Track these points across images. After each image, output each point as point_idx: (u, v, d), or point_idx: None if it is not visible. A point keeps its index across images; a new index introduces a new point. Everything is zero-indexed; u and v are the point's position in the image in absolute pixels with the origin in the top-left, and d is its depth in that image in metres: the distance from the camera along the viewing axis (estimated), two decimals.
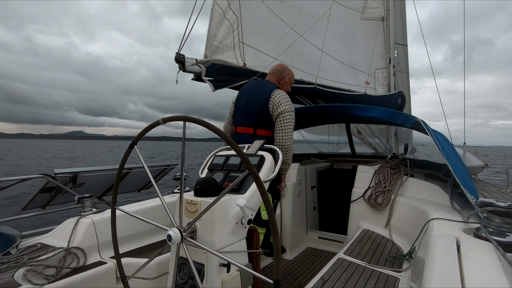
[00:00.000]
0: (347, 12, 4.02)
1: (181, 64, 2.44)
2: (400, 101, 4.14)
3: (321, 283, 1.45)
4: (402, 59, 6.38)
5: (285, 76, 2.21)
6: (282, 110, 1.96)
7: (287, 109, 1.98)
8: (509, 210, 1.29)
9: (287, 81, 2.24)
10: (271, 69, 2.28)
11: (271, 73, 2.25)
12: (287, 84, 2.25)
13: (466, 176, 2.08)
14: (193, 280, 1.23)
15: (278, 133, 1.98)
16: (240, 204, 1.16)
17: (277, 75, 2.21)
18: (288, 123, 1.98)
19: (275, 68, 2.26)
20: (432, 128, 2.31)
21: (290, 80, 2.27)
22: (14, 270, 1.43)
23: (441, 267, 1.02)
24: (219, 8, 2.69)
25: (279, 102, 1.97)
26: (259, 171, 1.46)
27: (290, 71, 2.28)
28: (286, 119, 1.97)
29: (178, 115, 1.04)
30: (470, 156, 4.79)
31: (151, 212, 2.12)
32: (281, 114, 1.96)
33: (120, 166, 1.27)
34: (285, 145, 1.98)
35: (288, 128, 1.98)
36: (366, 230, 2.38)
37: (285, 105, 1.98)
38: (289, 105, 2.01)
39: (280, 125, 1.97)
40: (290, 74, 2.26)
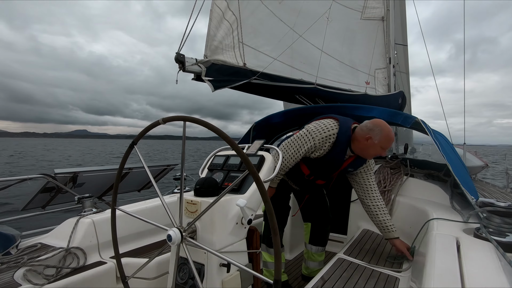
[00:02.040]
0: (347, 12, 4.01)
1: (181, 64, 2.44)
2: (400, 101, 4.14)
3: (321, 283, 1.45)
4: (402, 59, 6.38)
5: (374, 137, 1.66)
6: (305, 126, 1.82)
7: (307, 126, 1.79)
8: (509, 210, 1.29)
9: (376, 144, 1.66)
10: (364, 122, 1.78)
11: (358, 129, 1.76)
12: (376, 148, 1.68)
13: (466, 176, 2.08)
14: (193, 280, 1.23)
15: None
16: (240, 204, 1.16)
17: (364, 132, 1.71)
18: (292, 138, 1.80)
19: (364, 124, 1.75)
20: (435, 127, 2.31)
21: (381, 144, 1.67)
22: (14, 270, 1.43)
23: (441, 267, 1.02)
24: (218, 9, 2.69)
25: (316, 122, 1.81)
26: (259, 171, 1.46)
27: (384, 131, 1.66)
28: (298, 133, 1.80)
29: (178, 115, 1.04)
30: (470, 156, 4.79)
31: (151, 212, 2.12)
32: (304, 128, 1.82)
33: (120, 166, 1.27)
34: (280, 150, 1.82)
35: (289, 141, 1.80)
36: (366, 230, 2.38)
37: (311, 124, 1.80)
38: (314, 127, 1.74)
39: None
40: (382, 137, 1.65)
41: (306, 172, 1.91)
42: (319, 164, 1.83)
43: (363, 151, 1.74)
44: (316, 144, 1.72)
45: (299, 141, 1.75)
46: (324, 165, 1.84)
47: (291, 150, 1.76)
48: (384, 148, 1.71)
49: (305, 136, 1.73)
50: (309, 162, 1.85)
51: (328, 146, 1.73)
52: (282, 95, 3.79)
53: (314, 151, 1.76)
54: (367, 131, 1.70)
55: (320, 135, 1.71)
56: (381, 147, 1.69)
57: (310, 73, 3.46)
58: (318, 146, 1.72)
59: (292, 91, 3.36)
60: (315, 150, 1.76)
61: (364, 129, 1.72)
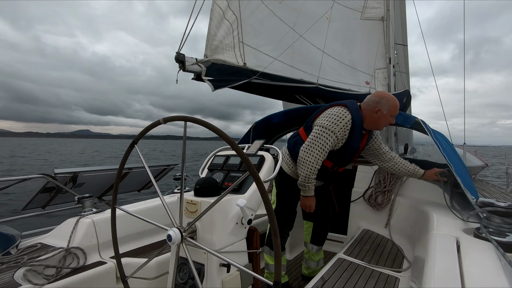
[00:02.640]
0: (347, 12, 4.01)
1: (181, 63, 2.43)
2: (405, 100, 4.12)
3: (321, 283, 1.45)
4: (402, 59, 6.38)
5: (382, 108, 1.75)
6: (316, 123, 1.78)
7: (319, 123, 1.75)
8: (509, 210, 1.29)
9: (385, 114, 1.76)
10: (366, 98, 1.86)
11: (364, 106, 1.81)
12: (387, 117, 1.78)
13: (466, 176, 2.08)
14: (193, 280, 1.23)
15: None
16: (240, 204, 1.16)
17: (371, 107, 1.77)
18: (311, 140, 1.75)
19: (369, 99, 1.82)
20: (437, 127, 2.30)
21: (391, 113, 1.78)
22: (14, 270, 1.43)
23: (441, 267, 1.02)
24: (219, 8, 2.68)
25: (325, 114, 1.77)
26: (259, 171, 1.45)
27: (390, 100, 1.76)
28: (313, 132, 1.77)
29: (179, 115, 1.04)
30: (470, 156, 4.80)
31: (151, 212, 2.12)
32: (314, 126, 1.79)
33: (120, 166, 1.27)
34: (299, 156, 1.77)
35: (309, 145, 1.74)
36: (366, 230, 2.38)
37: (322, 119, 1.76)
38: (328, 120, 1.71)
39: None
40: (390, 106, 1.76)
41: (329, 165, 1.88)
42: (341, 153, 1.83)
43: (375, 124, 1.81)
44: (338, 136, 1.71)
45: (320, 140, 1.71)
46: (346, 152, 1.83)
47: (316, 151, 1.71)
48: (393, 116, 1.82)
49: (324, 133, 1.70)
50: (330, 154, 1.81)
51: (347, 133, 1.74)
52: (282, 95, 3.79)
53: (337, 143, 1.75)
54: (375, 105, 1.77)
55: (338, 126, 1.69)
56: (391, 115, 1.79)
57: (310, 73, 3.46)
58: (340, 137, 1.72)
59: (292, 91, 3.36)
60: (337, 142, 1.75)
61: (371, 103, 1.78)
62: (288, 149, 1.98)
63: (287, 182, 1.97)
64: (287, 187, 2.00)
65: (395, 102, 1.79)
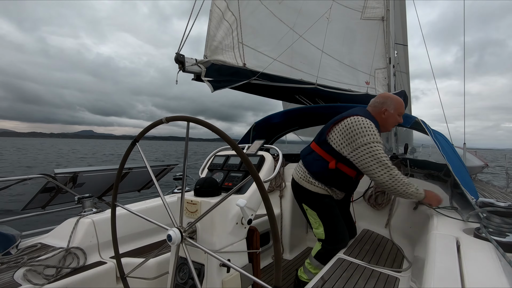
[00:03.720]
0: (347, 12, 4.02)
1: (181, 64, 2.44)
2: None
3: (321, 283, 1.45)
4: (402, 59, 6.38)
5: (389, 108, 1.79)
6: (361, 143, 1.68)
7: (362, 142, 1.66)
8: (509, 210, 1.29)
9: (392, 113, 1.80)
10: (371, 101, 1.89)
11: (369, 106, 1.86)
12: (394, 116, 1.81)
13: (466, 176, 2.08)
14: (193, 280, 1.23)
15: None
16: (240, 204, 1.16)
17: (378, 108, 1.81)
18: (370, 157, 1.67)
19: (374, 101, 1.85)
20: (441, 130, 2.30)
21: (398, 111, 1.81)
22: (14, 270, 1.43)
23: (441, 267, 1.02)
24: (218, 9, 2.69)
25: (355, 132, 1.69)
26: (259, 171, 1.46)
27: (395, 99, 1.81)
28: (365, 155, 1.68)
29: (182, 115, 1.03)
30: (470, 156, 4.80)
31: (151, 212, 2.12)
32: (359, 147, 1.69)
33: (121, 164, 1.27)
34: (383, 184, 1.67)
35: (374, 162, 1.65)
36: (366, 230, 2.38)
37: (359, 138, 1.67)
38: (366, 135, 1.65)
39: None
40: (396, 105, 1.80)
41: (353, 174, 1.82)
42: None
43: (384, 125, 1.82)
44: (381, 142, 1.68)
45: (378, 154, 1.63)
46: None
47: (385, 163, 1.63)
48: (401, 114, 1.84)
49: (375, 147, 1.64)
50: (352, 163, 1.76)
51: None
52: (282, 95, 3.79)
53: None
54: (381, 105, 1.80)
55: (375, 133, 1.66)
56: (398, 114, 1.82)
57: (310, 73, 3.46)
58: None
59: (292, 91, 3.37)
60: None
61: (378, 105, 1.82)
62: (308, 169, 1.88)
63: (321, 199, 1.87)
64: (325, 204, 1.88)
65: (400, 101, 1.81)
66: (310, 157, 1.89)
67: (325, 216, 1.89)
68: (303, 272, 2.05)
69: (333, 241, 1.91)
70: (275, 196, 2.94)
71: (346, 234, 1.95)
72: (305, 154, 1.97)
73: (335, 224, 1.89)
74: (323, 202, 1.87)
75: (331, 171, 1.79)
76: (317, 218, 1.90)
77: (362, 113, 1.76)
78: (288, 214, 2.84)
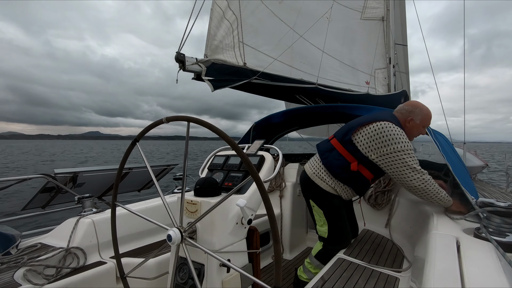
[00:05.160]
0: (347, 12, 4.02)
1: (181, 63, 2.44)
2: (402, 100, 4.14)
3: (321, 283, 1.45)
4: (402, 59, 6.37)
5: (415, 118, 1.74)
6: (396, 150, 1.63)
7: (394, 149, 1.63)
8: (509, 210, 1.29)
9: (418, 124, 1.75)
10: (398, 106, 1.84)
11: (396, 112, 1.82)
12: (419, 128, 1.77)
13: (466, 176, 2.08)
14: (193, 280, 1.23)
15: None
16: (240, 204, 1.16)
17: (404, 116, 1.76)
18: (405, 164, 1.63)
19: (401, 108, 1.80)
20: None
21: (423, 123, 1.76)
22: (14, 270, 1.43)
23: (441, 267, 1.02)
24: (219, 8, 2.69)
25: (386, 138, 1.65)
26: (259, 171, 1.46)
27: (423, 110, 1.75)
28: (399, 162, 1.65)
29: (182, 115, 1.03)
30: (470, 156, 4.79)
31: (151, 211, 2.12)
32: (392, 153, 1.65)
33: (121, 163, 1.26)
34: (419, 189, 1.63)
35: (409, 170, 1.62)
36: (366, 230, 2.38)
37: (391, 145, 1.63)
38: (399, 142, 1.62)
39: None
40: (423, 116, 1.74)
41: (370, 177, 1.80)
42: None
43: (407, 135, 1.73)
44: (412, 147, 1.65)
45: (411, 161, 1.61)
46: None
47: (419, 169, 1.61)
48: (426, 126, 1.79)
49: (407, 154, 1.61)
50: (375, 168, 1.74)
51: None
52: (282, 95, 3.79)
53: None
54: (408, 114, 1.75)
55: (406, 140, 1.62)
56: (423, 126, 1.77)
57: (310, 73, 3.46)
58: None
59: (292, 91, 3.36)
60: None
61: (405, 113, 1.76)
62: (327, 166, 1.82)
63: (330, 199, 1.84)
64: (332, 205, 1.86)
65: (429, 113, 1.75)
66: (330, 155, 1.82)
67: (331, 216, 1.87)
68: (303, 271, 2.05)
69: (335, 242, 1.91)
70: (275, 196, 2.94)
71: (349, 236, 1.95)
72: (324, 150, 1.88)
73: (340, 226, 1.89)
74: (332, 202, 1.86)
75: (352, 172, 1.75)
76: (323, 217, 1.89)
77: (391, 118, 1.71)
78: (288, 214, 2.84)
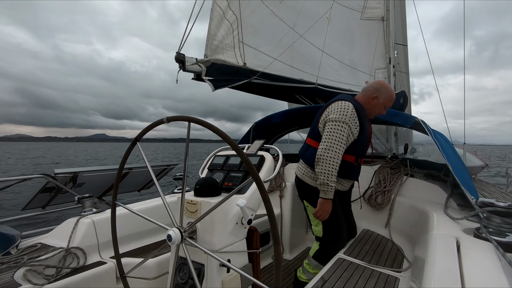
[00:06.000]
0: (347, 12, 4.02)
1: (181, 63, 2.44)
2: (401, 101, 4.14)
3: (321, 283, 1.45)
4: (402, 59, 6.37)
5: (380, 96, 1.79)
6: (328, 118, 1.71)
7: (329, 118, 1.70)
8: (509, 210, 1.29)
9: (381, 103, 1.81)
10: (366, 85, 1.89)
11: (362, 91, 1.88)
12: (381, 107, 1.82)
13: (466, 176, 2.08)
14: (193, 280, 1.23)
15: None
16: (240, 204, 1.16)
17: (370, 92, 1.81)
18: (327, 132, 1.69)
19: (369, 85, 1.86)
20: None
21: (385, 103, 1.82)
22: (14, 270, 1.43)
23: (441, 267, 1.02)
24: (219, 8, 2.69)
25: (330, 111, 1.72)
26: (259, 171, 1.46)
27: (389, 91, 1.81)
28: (326, 129, 1.71)
29: (183, 115, 1.03)
30: (470, 156, 4.80)
31: (151, 211, 2.12)
32: (327, 122, 1.72)
33: (122, 163, 1.26)
34: (318, 155, 1.67)
35: (326, 137, 1.68)
36: (366, 230, 2.38)
37: (329, 115, 1.71)
38: (336, 114, 1.68)
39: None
40: (387, 96, 1.81)
41: (352, 159, 1.82)
42: (359, 142, 1.78)
43: (368, 112, 1.82)
44: (350, 125, 1.67)
45: (336, 133, 1.65)
46: (363, 140, 1.80)
47: (335, 146, 1.64)
48: (387, 107, 1.85)
49: (338, 126, 1.66)
50: (351, 148, 1.77)
51: (357, 121, 1.71)
52: (282, 95, 3.79)
53: (351, 134, 1.71)
54: (374, 91, 1.80)
55: (346, 116, 1.67)
56: (385, 106, 1.83)
57: (310, 73, 3.46)
58: (352, 126, 1.69)
59: (292, 90, 3.37)
60: (351, 133, 1.70)
61: (370, 89, 1.81)
62: (306, 162, 1.89)
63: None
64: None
65: (393, 95, 1.82)
66: (308, 152, 1.89)
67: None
68: (302, 272, 2.05)
69: (330, 240, 1.90)
70: (275, 196, 2.94)
71: (344, 234, 1.94)
72: (303, 151, 1.97)
73: (334, 224, 1.89)
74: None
75: None
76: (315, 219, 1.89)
77: (344, 97, 1.78)
78: (288, 214, 2.84)
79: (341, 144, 1.65)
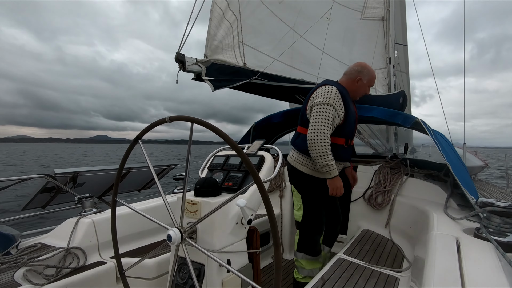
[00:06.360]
0: (347, 12, 4.01)
1: (181, 63, 2.43)
2: (401, 100, 4.14)
3: (321, 283, 1.45)
4: (402, 59, 6.37)
5: (363, 77, 1.88)
6: (314, 103, 1.77)
7: (314, 103, 1.76)
8: (509, 210, 1.29)
9: (365, 84, 1.90)
10: (348, 68, 1.97)
11: (344, 75, 1.95)
12: (365, 87, 1.92)
13: (466, 176, 2.08)
14: (193, 280, 1.23)
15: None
16: (240, 204, 1.16)
17: (353, 75, 1.89)
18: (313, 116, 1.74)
19: (351, 68, 1.93)
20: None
21: (369, 83, 1.92)
22: (14, 270, 1.43)
23: (441, 267, 1.02)
24: (219, 8, 2.68)
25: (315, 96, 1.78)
26: (259, 171, 1.46)
27: (371, 71, 1.92)
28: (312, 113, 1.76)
29: (185, 116, 1.03)
30: (470, 156, 4.80)
31: (151, 211, 2.12)
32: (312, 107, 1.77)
33: (122, 162, 1.26)
34: (308, 140, 1.73)
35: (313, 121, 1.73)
36: (366, 230, 2.38)
37: (313, 100, 1.77)
38: (320, 97, 1.74)
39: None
40: (370, 77, 1.91)
41: (342, 141, 1.87)
42: (347, 124, 1.84)
43: (354, 93, 1.92)
44: (335, 107, 1.72)
45: (322, 115, 1.71)
46: (350, 121, 1.86)
47: (322, 127, 1.69)
48: (371, 86, 1.96)
49: (323, 108, 1.72)
50: (339, 130, 1.82)
51: (342, 103, 1.77)
52: (282, 95, 3.79)
53: (337, 115, 1.75)
54: (357, 73, 1.89)
55: (330, 98, 1.72)
56: (369, 85, 1.94)
57: (310, 73, 3.45)
58: (337, 107, 1.74)
59: (292, 91, 3.36)
60: (337, 114, 1.75)
61: (354, 72, 1.90)
62: (298, 148, 1.93)
63: (310, 182, 1.91)
64: (312, 188, 1.92)
65: (374, 74, 1.93)
66: (299, 139, 1.93)
67: (308, 201, 1.96)
68: (297, 272, 2.08)
69: (308, 226, 1.98)
70: (275, 196, 2.94)
71: (321, 222, 2.00)
72: (294, 139, 2.02)
73: (314, 210, 1.96)
74: (311, 187, 1.93)
75: None
76: (300, 201, 1.99)
77: (330, 83, 1.84)
78: (288, 214, 2.84)
79: (327, 125, 1.71)
